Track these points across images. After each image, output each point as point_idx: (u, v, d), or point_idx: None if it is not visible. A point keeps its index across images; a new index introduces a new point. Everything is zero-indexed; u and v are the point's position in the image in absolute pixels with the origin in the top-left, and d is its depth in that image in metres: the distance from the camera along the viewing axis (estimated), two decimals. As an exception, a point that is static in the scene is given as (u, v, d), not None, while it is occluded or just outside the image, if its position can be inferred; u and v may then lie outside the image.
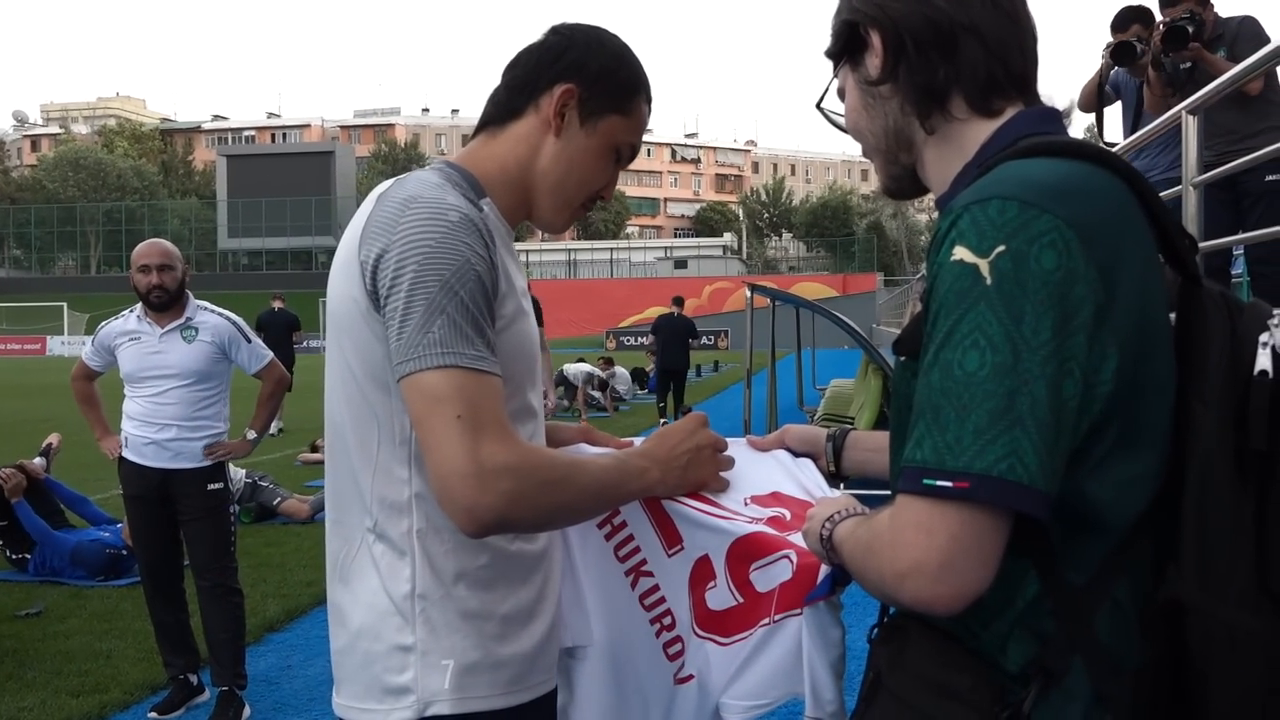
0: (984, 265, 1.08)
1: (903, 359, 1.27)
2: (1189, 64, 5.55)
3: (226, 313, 4.97)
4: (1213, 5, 5.64)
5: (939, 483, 1.07)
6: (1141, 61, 5.78)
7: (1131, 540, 1.16)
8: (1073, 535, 1.14)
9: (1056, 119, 1.31)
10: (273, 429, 16.56)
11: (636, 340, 43.35)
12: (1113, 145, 6.25)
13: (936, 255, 1.15)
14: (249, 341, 4.93)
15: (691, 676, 1.75)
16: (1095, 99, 6.38)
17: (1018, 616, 1.16)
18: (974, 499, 1.05)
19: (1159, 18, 5.64)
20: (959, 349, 1.08)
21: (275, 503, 9.22)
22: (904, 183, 1.42)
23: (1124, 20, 5.96)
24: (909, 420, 1.16)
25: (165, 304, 4.74)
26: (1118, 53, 5.80)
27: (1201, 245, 4.51)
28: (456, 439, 1.41)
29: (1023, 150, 1.21)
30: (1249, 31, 5.57)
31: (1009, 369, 1.06)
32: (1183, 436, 1.15)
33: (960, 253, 1.10)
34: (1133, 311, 1.11)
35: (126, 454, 4.82)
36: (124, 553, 7.07)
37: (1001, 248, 1.08)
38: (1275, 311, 1.19)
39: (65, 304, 56.14)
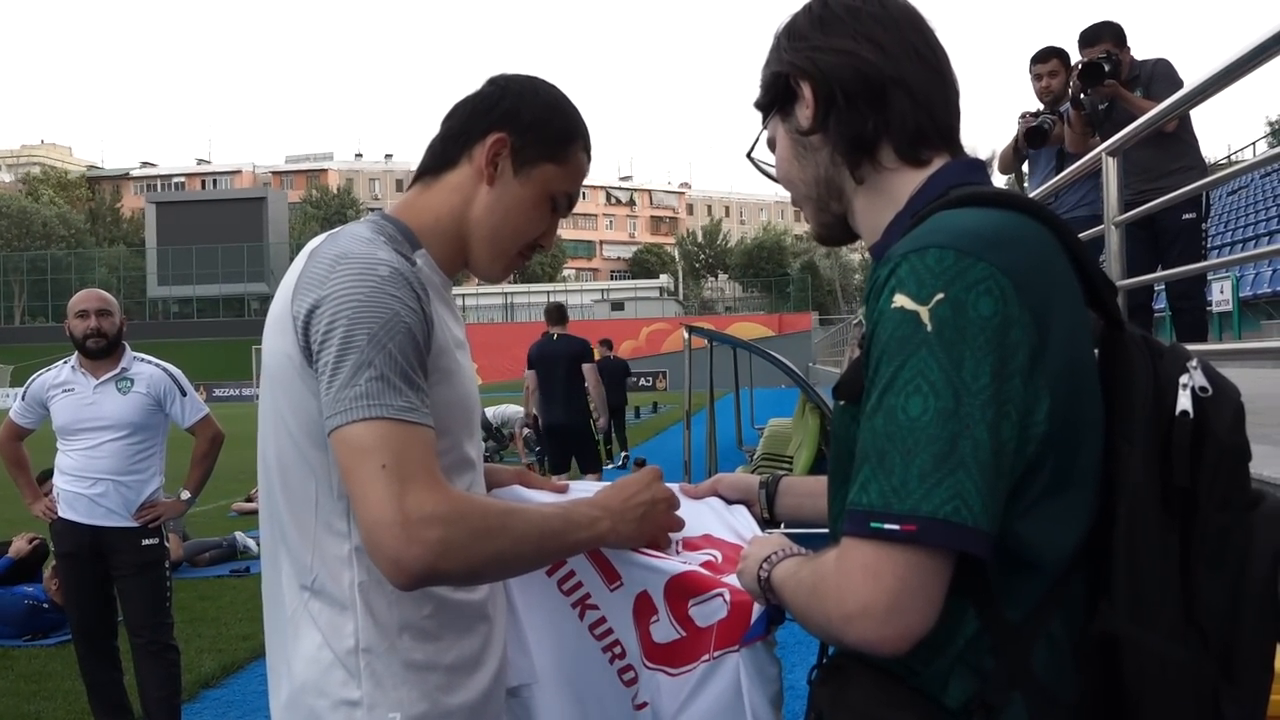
0: (924, 312, 1.11)
1: (842, 403, 1.29)
2: (1107, 103, 5.75)
3: (164, 364, 4.88)
4: (1129, 48, 5.86)
5: (886, 526, 1.09)
6: (1056, 131, 6.10)
7: (1065, 576, 1.19)
8: (1010, 573, 1.17)
9: (982, 169, 1.35)
10: None
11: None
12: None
13: (877, 303, 1.17)
14: (184, 394, 4.84)
15: (646, 704, 1.75)
16: (1013, 163, 6.70)
17: (958, 654, 1.18)
18: (921, 542, 1.08)
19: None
20: (902, 394, 1.11)
21: None
22: (835, 230, 1.46)
23: (1044, 57, 6.27)
24: (849, 463, 1.18)
25: (102, 351, 4.65)
26: (1030, 135, 6.12)
27: (1124, 282, 4.65)
28: (382, 489, 1.39)
29: (954, 200, 1.24)
30: (1163, 73, 5.80)
31: (951, 413, 1.08)
32: (1111, 474, 1.19)
33: (901, 300, 1.13)
34: (1063, 354, 1.15)
35: (60, 510, 4.70)
36: (45, 605, 6.89)
37: (940, 295, 1.11)
38: (1192, 353, 1.24)
39: (-11, 355, 54.84)
